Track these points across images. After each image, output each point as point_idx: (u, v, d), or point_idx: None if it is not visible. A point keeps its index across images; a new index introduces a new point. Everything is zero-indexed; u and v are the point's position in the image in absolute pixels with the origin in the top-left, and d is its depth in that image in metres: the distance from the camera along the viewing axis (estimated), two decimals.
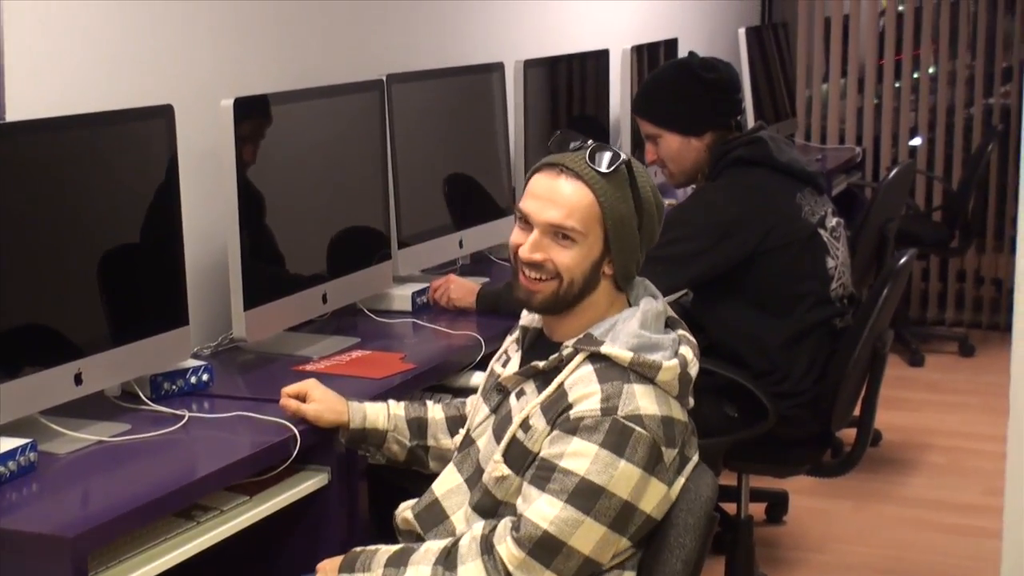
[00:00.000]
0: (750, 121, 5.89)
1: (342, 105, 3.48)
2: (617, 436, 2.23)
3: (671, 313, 2.47)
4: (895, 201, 5.48)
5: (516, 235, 2.42)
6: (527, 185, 2.41)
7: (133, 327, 2.80)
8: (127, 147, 2.79)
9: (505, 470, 2.34)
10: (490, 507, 2.39)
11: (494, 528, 2.32)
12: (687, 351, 2.37)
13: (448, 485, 2.46)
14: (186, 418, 2.78)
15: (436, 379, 3.19)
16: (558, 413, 2.30)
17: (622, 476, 2.24)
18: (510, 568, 2.26)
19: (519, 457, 2.34)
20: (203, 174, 3.30)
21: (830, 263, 3.73)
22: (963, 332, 7.15)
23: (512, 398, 2.41)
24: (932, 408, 6.09)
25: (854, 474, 3.96)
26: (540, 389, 2.37)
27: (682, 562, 2.34)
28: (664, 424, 2.28)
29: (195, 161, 3.24)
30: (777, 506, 4.83)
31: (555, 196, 2.34)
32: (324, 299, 3.40)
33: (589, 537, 2.25)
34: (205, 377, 3.00)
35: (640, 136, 3.91)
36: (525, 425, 2.34)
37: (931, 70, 7.47)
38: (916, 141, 7.55)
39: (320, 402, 2.69)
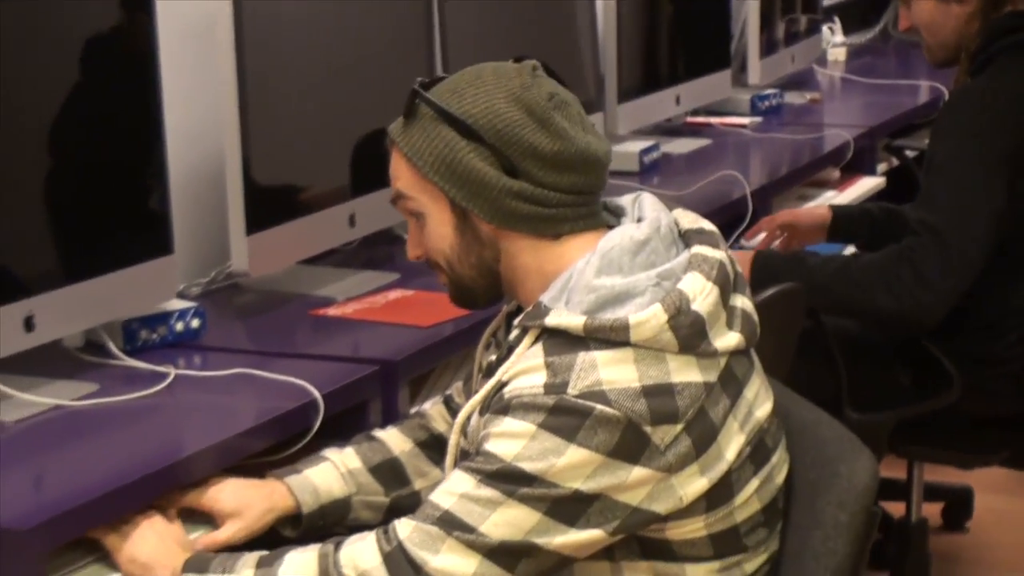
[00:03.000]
0: None
1: None
2: (565, 416, 2.17)
3: (686, 225, 2.36)
4: None
5: None
6: None
7: (100, 256, 2.85)
8: (82, 24, 2.81)
9: None
10: None
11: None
12: (694, 281, 2.24)
13: None
14: (171, 376, 2.83)
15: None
16: (491, 397, 2.29)
17: (570, 466, 2.17)
18: (402, 539, 2.21)
19: None
20: (187, 55, 3.35)
21: None
22: None
23: None
24: None
25: None
26: None
27: (831, 573, 2.35)
28: (649, 395, 2.18)
29: (176, 40, 3.27)
30: (959, 507, 4.84)
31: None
32: (351, 222, 3.45)
33: (512, 522, 2.18)
34: (195, 323, 3.06)
35: None
36: (464, 430, 2.36)
37: None
38: None
39: (242, 509, 2.50)
